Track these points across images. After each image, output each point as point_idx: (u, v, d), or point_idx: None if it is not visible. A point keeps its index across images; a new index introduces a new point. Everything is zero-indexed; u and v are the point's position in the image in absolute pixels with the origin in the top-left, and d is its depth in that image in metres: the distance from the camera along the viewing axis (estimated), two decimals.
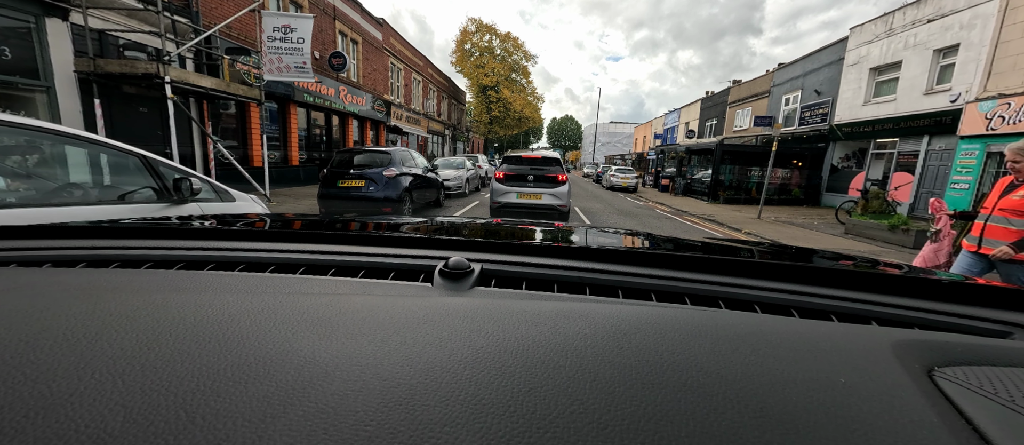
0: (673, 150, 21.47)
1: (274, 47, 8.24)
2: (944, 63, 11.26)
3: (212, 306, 0.44)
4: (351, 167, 7.20)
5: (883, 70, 13.08)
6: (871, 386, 0.35)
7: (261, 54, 8.31)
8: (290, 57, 8.30)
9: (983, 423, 0.31)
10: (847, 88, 14.21)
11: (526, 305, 0.50)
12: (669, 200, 15.86)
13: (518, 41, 34.54)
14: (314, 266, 0.71)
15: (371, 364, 0.35)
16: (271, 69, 8.34)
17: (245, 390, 0.30)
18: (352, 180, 6.98)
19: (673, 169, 20.14)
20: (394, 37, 19.33)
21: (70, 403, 0.28)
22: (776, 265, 0.75)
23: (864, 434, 0.29)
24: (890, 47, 12.67)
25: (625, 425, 0.29)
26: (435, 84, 26.12)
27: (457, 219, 1.40)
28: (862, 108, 13.59)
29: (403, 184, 7.32)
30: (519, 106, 34.54)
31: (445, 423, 0.28)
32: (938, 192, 11.22)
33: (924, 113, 11.48)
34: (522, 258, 0.75)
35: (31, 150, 2.28)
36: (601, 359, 0.37)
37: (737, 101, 21.91)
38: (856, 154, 14.37)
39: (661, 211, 12.79)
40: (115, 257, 0.70)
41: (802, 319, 0.57)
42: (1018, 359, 0.42)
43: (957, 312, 0.61)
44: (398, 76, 20.23)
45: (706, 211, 12.37)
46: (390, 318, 0.44)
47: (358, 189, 6.93)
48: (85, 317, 0.40)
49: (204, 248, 0.75)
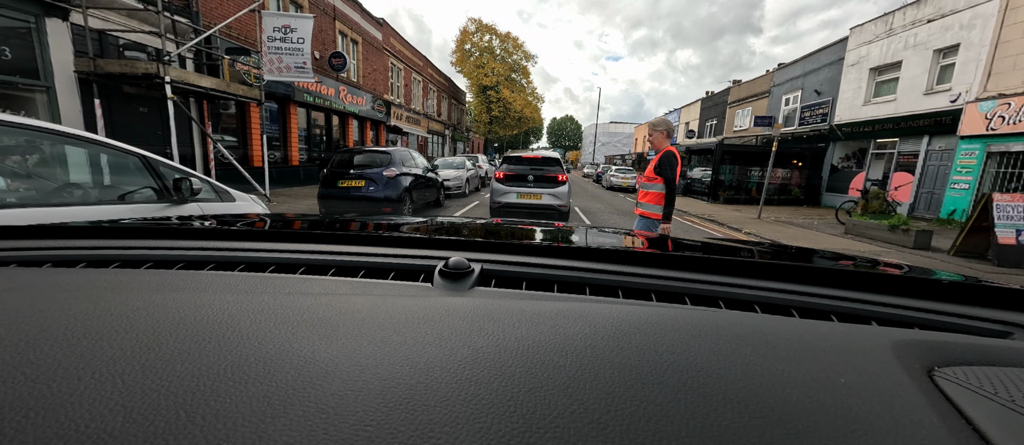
0: None
1: (274, 47, 8.24)
2: (944, 63, 11.27)
3: (212, 306, 0.44)
4: (351, 167, 7.21)
5: (883, 70, 13.08)
6: (871, 386, 0.35)
7: (261, 54, 8.32)
8: (290, 57, 8.30)
9: (983, 423, 0.31)
10: (847, 88, 14.22)
11: (526, 305, 0.50)
12: None
13: (518, 41, 34.57)
14: (314, 266, 0.70)
15: (371, 364, 0.35)
16: (271, 69, 8.34)
17: (245, 390, 0.30)
18: (352, 180, 6.98)
19: None
20: (394, 37, 19.34)
21: (70, 403, 0.28)
22: (776, 265, 0.75)
23: (864, 434, 0.29)
24: (890, 47, 12.68)
25: (625, 425, 0.29)
26: (435, 84, 26.13)
27: (457, 219, 1.41)
28: (862, 108, 13.59)
29: (403, 184, 7.32)
30: (519, 106, 34.55)
31: (445, 423, 0.28)
32: (938, 192, 11.24)
33: (924, 113, 11.48)
34: (522, 258, 0.75)
35: (31, 150, 2.29)
36: (601, 359, 0.37)
37: (737, 101, 21.91)
38: (856, 154, 14.38)
39: None
40: (115, 257, 0.70)
41: (802, 319, 0.57)
42: (1018, 359, 0.42)
43: (957, 312, 0.60)
44: (398, 76, 20.23)
45: (706, 211, 12.36)
46: (390, 318, 0.44)
47: (358, 189, 6.93)
48: (85, 317, 0.40)
49: (204, 248, 0.75)
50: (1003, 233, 5.98)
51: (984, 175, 10.19)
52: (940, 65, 11.36)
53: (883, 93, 13.10)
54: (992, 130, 9.79)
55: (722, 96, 23.73)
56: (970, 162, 10.40)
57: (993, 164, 10.07)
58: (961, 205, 10.47)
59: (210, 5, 8.98)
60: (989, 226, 6.12)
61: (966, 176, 10.48)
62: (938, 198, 11.18)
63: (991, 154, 10.06)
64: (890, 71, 12.85)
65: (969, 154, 10.43)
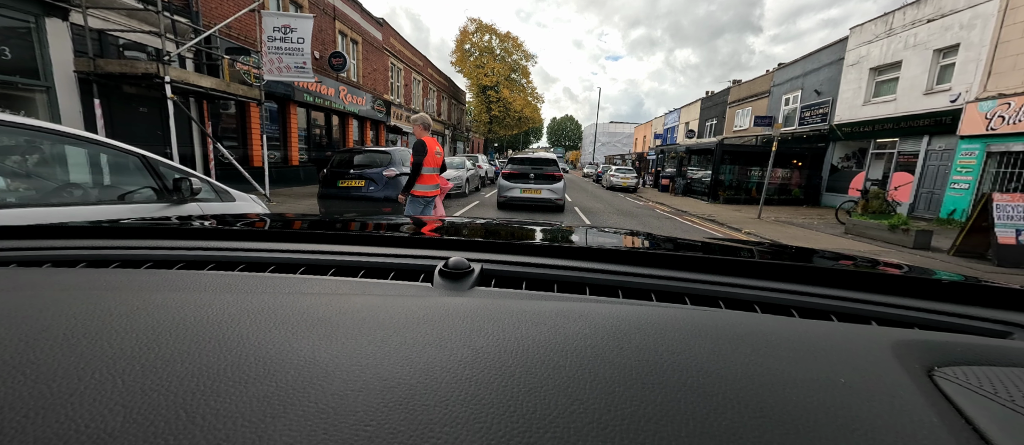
0: (673, 150, 21.47)
1: (274, 47, 8.24)
2: (944, 63, 11.28)
3: (212, 306, 0.44)
4: (351, 167, 7.20)
5: (883, 70, 13.09)
6: (871, 386, 0.35)
7: (261, 54, 8.31)
8: (290, 57, 8.30)
9: (983, 423, 0.31)
10: (847, 88, 14.23)
11: (526, 305, 0.50)
12: (669, 200, 15.85)
13: (517, 41, 34.58)
14: (314, 266, 0.70)
15: (371, 364, 0.35)
16: (271, 69, 8.34)
17: (245, 390, 0.30)
18: (352, 180, 6.98)
19: (673, 169, 20.14)
20: (394, 37, 19.33)
21: (70, 403, 0.28)
22: (776, 265, 0.75)
23: (864, 434, 0.29)
24: (890, 47, 12.68)
25: (625, 425, 0.29)
26: (435, 84, 26.13)
27: (457, 219, 1.39)
28: (862, 108, 13.60)
29: (403, 184, 7.32)
30: (519, 106, 34.56)
31: (445, 423, 0.28)
32: (938, 192, 11.24)
33: (924, 113, 11.49)
34: (522, 258, 0.75)
35: (31, 150, 2.29)
36: (601, 359, 0.37)
37: (737, 101, 21.91)
38: (856, 154, 14.39)
39: (661, 211, 12.77)
40: (115, 257, 0.70)
41: (802, 319, 0.57)
42: (1018, 359, 0.42)
43: (957, 312, 0.61)
44: (398, 76, 20.23)
45: (706, 211, 12.36)
46: (390, 318, 0.44)
47: (358, 189, 6.93)
48: (85, 317, 0.40)
49: (204, 248, 0.75)
50: (1003, 233, 5.98)
51: (984, 175, 10.19)
52: (940, 65, 11.37)
53: (883, 93, 13.10)
54: (992, 130, 9.80)
55: (722, 96, 23.72)
56: (970, 162, 10.41)
57: (993, 164, 10.07)
58: (961, 205, 10.47)
59: (210, 5, 8.98)
60: (989, 226, 6.11)
61: (966, 176, 10.49)
62: (938, 198, 11.19)
63: (991, 154, 10.07)
64: (890, 71, 12.86)
65: (969, 154, 10.44)
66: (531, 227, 1.25)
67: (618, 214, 10.89)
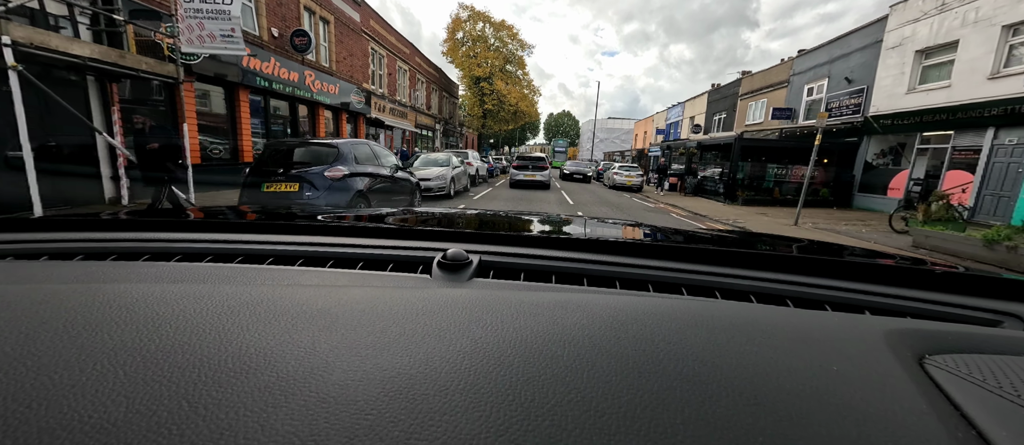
0: (682, 146, 19.73)
1: (193, 10, 6.39)
2: (1014, 41, 9.53)
3: (212, 297, 0.44)
4: (284, 165, 5.40)
5: (932, 52, 11.33)
6: (863, 374, 0.36)
7: (177, 20, 6.46)
8: (214, 23, 6.45)
9: (971, 410, 0.32)
10: (886, 74, 12.48)
11: (524, 296, 0.50)
12: (680, 201, 14.13)
13: (513, 29, 32.46)
14: (313, 258, 0.72)
15: (371, 355, 0.35)
16: (190, 39, 6.48)
17: (247, 380, 0.31)
18: (282, 184, 5.16)
19: (681, 166, 18.44)
20: (375, 20, 17.42)
21: (73, 394, 0.28)
22: (772, 256, 0.80)
23: (855, 421, 0.30)
24: (942, 25, 10.92)
25: (622, 413, 0.30)
26: (424, 74, 24.18)
27: (455, 211, 1.44)
28: (905, 97, 11.86)
29: (355, 187, 5.50)
30: (514, 99, 32.47)
31: (444, 412, 0.29)
32: (1008, 194, 9.50)
33: (989, 101, 9.71)
34: (520, 249, 0.77)
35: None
36: (598, 349, 0.38)
37: (750, 93, 20.18)
38: (894, 149, 12.66)
39: (677, 215, 11.05)
40: (112, 249, 0.71)
41: (796, 309, 0.59)
42: (1007, 347, 0.43)
43: (949, 301, 0.63)
44: (380, 64, 18.32)
45: (729, 215, 10.65)
46: (389, 309, 0.44)
47: (289, 195, 5.11)
48: (84, 309, 0.40)
49: (202, 240, 0.76)
50: None
51: None
52: (1008, 44, 9.62)
53: (932, 79, 11.36)
54: None
55: (732, 88, 21.99)
56: None
57: None
58: None
59: None
60: None
61: None
62: (1009, 201, 9.41)
63: None
64: (942, 52, 11.09)
65: None
66: (529, 218, 1.34)
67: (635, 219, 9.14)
